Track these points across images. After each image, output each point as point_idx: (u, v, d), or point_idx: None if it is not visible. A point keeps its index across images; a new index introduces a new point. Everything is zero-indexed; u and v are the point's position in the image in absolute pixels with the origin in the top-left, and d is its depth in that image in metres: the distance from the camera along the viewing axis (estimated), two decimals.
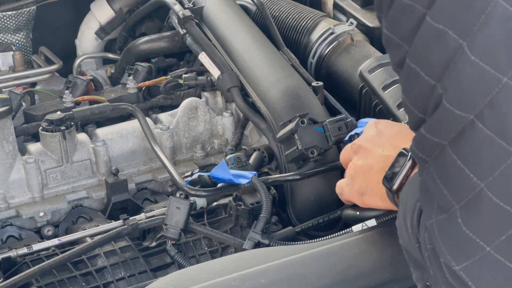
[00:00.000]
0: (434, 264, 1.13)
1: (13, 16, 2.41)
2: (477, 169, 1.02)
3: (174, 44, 2.31)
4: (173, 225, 1.64)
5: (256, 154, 1.87)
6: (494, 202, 1.01)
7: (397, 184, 1.35)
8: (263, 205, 1.64)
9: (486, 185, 1.01)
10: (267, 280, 1.34)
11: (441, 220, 1.08)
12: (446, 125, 1.03)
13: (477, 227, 1.04)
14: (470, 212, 1.04)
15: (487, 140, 1.00)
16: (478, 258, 1.05)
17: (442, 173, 1.06)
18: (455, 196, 1.05)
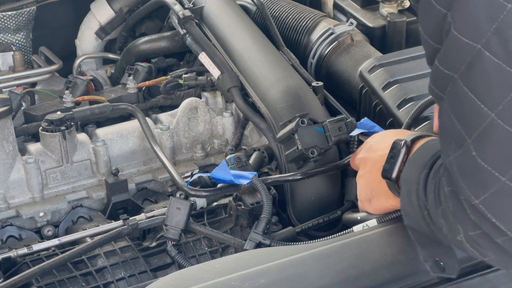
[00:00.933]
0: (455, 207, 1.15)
1: (13, 16, 2.41)
2: (487, 98, 1.04)
3: (174, 44, 2.31)
4: (174, 225, 1.64)
5: (256, 154, 1.87)
6: (505, 130, 1.03)
7: (396, 171, 1.37)
8: (264, 206, 1.64)
9: (496, 114, 1.03)
10: (267, 280, 1.34)
11: (458, 156, 1.10)
12: (456, 55, 1.04)
13: (491, 158, 1.06)
14: (483, 144, 1.06)
15: (495, 68, 1.01)
16: (495, 189, 1.07)
17: (455, 107, 1.08)
18: (467, 129, 1.07)
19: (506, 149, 1.05)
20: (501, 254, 1.14)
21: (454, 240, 1.22)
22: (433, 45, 1.08)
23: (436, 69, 1.09)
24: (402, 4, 2.31)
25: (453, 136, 1.10)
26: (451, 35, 1.04)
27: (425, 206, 1.25)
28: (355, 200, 1.80)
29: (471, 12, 1.01)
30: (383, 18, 2.29)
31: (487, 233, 1.12)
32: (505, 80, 1.01)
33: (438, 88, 1.11)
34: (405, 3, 2.31)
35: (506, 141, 1.04)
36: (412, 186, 1.29)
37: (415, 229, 1.33)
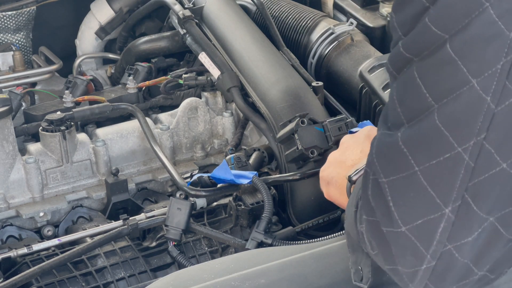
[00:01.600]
0: (363, 188, 1.14)
1: (13, 16, 2.41)
2: (434, 89, 1.03)
3: (174, 44, 2.31)
4: (174, 226, 1.64)
5: (256, 154, 1.87)
6: (436, 125, 1.03)
7: (358, 175, 1.36)
8: (265, 205, 1.64)
9: (438, 108, 1.03)
10: (267, 280, 1.34)
11: (384, 134, 1.10)
12: (422, 42, 1.04)
13: (413, 145, 1.06)
14: (413, 130, 1.05)
15: (451, 62, 1.01)
16: (405, 175, 1.06)
17: (401, 90, 1.08)
18: (407, 114, 1.06)
19: (430, 143, 1.04)
20: (383, 247, 1.13)
21: (360, 235, 1.20)
22: (400, 35, 1.07)
23: (397, 51, 1.07)
24: None
25: (391, 117, 1.10)
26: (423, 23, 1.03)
27: (357, 204, 1.24)
28: None
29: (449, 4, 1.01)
30: (383, 18, 2.29)
31: (378, 222, 1.11)
32: (456, 77, 1.01)
33: (394, 68, 1.10)
34: None
35: (432, 135, 1.03)
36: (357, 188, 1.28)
37: (349, 233, 1.31)
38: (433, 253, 1.08)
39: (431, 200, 1.05)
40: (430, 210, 1.06)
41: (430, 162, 1.04)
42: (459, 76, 1.01)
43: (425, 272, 1.09)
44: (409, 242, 1.08)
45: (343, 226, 1.71)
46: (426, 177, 1.05)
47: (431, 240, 1.07)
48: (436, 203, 1.05)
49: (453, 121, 1.02)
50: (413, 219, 1.07)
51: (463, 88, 1.01)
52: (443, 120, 1.02)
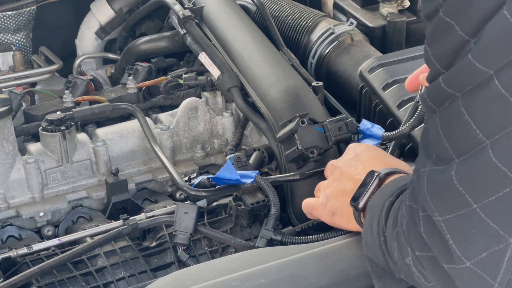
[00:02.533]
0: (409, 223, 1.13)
1: (13, 16, 2.41)
2: (484, 126, 1.02)
3: (174, 44, 2.31)
4: (183, 230, 1.64)
5: (256, 154, 1.87)
6: (492, 161, 1.02)
7: (363, 202, 1.37)
8: (272, 202, 1.64)
9: (490, 143, 1.02)
10: (267, 280, 1.34)
11: (434, 171, 1.08)
12: (464, 78, 1.02)
13: (469, 183, 1.04)
14: (466, 167, 1.04)
15: (500, 98, 1.00)
16: (463, 213, 1.05)
17: (447, 124, 1.06)
18: (456, 149, 1.05)
19: (487, 180, 1.03)
20: (444, 280, 1.11)
21: (403, 266, 1.19)
22: (439, 69, 1.06)
23: (437, 86, 1.06)
24: (402, 4, 2.31)
25: (437, 151, 1.09)
26: (466, 60, 1.01)
27: (383, 232, 1.24)
28: None
29: (492, 39, 0.99)
30: (383, 18, 2.29)
31: (435, 257, 1.10)
32: (507, 113, 1.00)
33: (434, 102, 1.08)
34: (405, 3, 2.31)
35: (489, 172, 1.03)
36: (375, 213, 1.28)
37: (372, 260, 1.31)
38: (501, 281, 1.07)
39: (494, 233, 1.05)
40: (494, 242, 1.05)
41: (489, 199, 1.04)
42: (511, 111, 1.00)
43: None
44: (475, 276, 1.07)
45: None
46: (486, 213, 1.04)
47: (498, 269, 1.06)
48: (499, 235, 1.05)
49: (509, 156, 1.02)
50: (477, 254, 1.07)
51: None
52: (499, 156, 1.02)
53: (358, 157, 1.49)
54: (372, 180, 1.38)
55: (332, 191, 1.50)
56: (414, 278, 1.20)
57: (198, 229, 1.68)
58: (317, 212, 1.54)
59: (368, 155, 1.49)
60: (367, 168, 1.43)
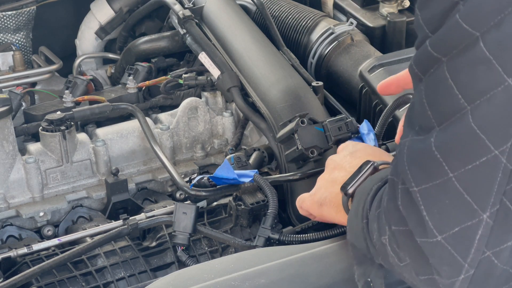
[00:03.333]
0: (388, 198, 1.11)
1: (13, 16, 2.41)
2: (466, 90, 1.00)
3: (174, 44, 2.31)
4: (182, 230, 1.64)
5: (256, 154, 1.87)
6: (471, 127, 1.00)
7: (353, 188, 1.34)
8: (270, 201, 1.64)
9: (471, 109, 0.99)
10: (267, 280, 1.34)
11: (415, 140, 1.06)
12: (451, 40, 1.00)
13: (446, 150, 1.02)
14: (445, 134, 1.02)
15: (484, 62, 0.98)
16: (439, 182, 1.03)
17: (431, 91, 1.04)
18: (438, 117, 1.03)
19: (465, 146, 1.01)
20: (417, 256, 1.09)
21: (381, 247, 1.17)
22: (427, 33, 1.04)
23: (424, 50, 1.04)
24: (402, 4, 2.31)
25: (420, 120, 1.06)
26: (453, 20, 0.99)
27: (367, 215, 1.22)
28: None
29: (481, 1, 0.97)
30: (383, 18, 2.29)
31: (410, 231, 1.08)
32: (490, 77, 0.98)
33: (419, 69, 1.06)
34: (405, 3, 2.31)
35: (467, 138, 1.00)
36: (362, 197, 1.26)
37: (354, 245, 1.29)
38: (471, 262, 1.05)
39: (468, 206, 1.02)
40: (466, 217, 1.03)
41: (465, 167, 1.01)
42: (494, 75, 0.97)
43: (463, 282, 1.06)
44: (446, 252, 1.05)
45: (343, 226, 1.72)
46: (461, 183, 1.02)
47: (469, 248, 1.04)
48: (473, 209, 1.02)
49: (488, 123, 0.99)
50: (449, 227, 1.04)
51: (497, 88, 0.98)
52: (478, 122, 0.99)
53: (354, 154, 1.48)
54: (366, 168, 1.36)
55: (323, 182, 1.48)
56: (388, 260, 1.17)
57: (198, 229, 1.68)
58: (306, 204, 1.51)
59: (364, 153, 1.48)
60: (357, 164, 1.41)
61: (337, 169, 1.47)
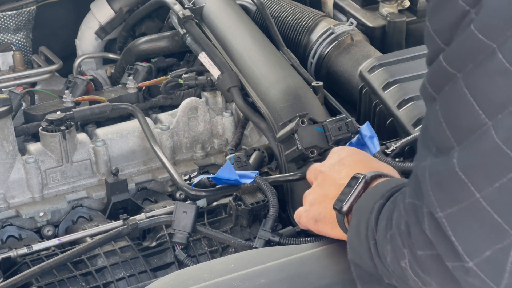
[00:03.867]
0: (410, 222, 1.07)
1: (13, 16, 2.41)
2: (487, 104, 0.95)
3: (174, 44, 2.31)
4: (181, 229, 1.63)
5: (256, 154, 1.87)
6: (495, 143, 0.95)
7: (348, 205, 1.31)
8: (270, 203, 1.64)
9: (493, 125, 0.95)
10: (267, 280, 1.34)
11: (436, 163, 1.02)
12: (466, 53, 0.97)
13: (471, 169, 0.98)
14: (468, 153, 0.98)
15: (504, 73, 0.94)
16: (465, 205, 0.99)
17: (448, 109, 1.00)
18: (458, 135, 0.99)
19: (490, 163, 0.97)
20: (447, 281, 1.05)
21: (397, 269, 1.14)
22: (439, 44, 1.00)
23: (438, 66, 1.00)
24: (402, 4, 2.31)
25: (437, 141, 1.02)
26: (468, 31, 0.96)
27: (373, 236, 1.18)
28: None
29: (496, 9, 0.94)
30: (383, 18, 2.29)
31: (439, 255, 1.04)
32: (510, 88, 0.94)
33: (433, 87, 1.02)
34: (405, 3, 2.31)
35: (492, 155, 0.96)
36: (363, 216, 1.22)
37: (358, 264, 1.26)
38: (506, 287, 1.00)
39: (497, 227, 0.98)
40: (497, 238, 0.98)
41: (492, 186, 0.97)
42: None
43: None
44: (478, 279, 1.00)
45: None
46: (489, 202, 0.97)
47: (502, 273, 0.99)
48: (503, 230, 0.98)
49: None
50: (480, 252, 0.99)
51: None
52: (502, 137, 0.95)
53: (342, 162, 1.43)
54: (357, 183, 1.32)
55: (315, 197, 1.45)
56: (408, 283, 1.14)
57: (198, 229, 1.68)
58: (303, 220, 1.48)
59: (352, 160, 1.44)
60: (351, 173, 1.37)
61: (328, 182, 1.43)
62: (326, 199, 1.41)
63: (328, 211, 1.39)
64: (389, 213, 1.16)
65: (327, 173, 1.44)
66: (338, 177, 1.41)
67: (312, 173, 1.50)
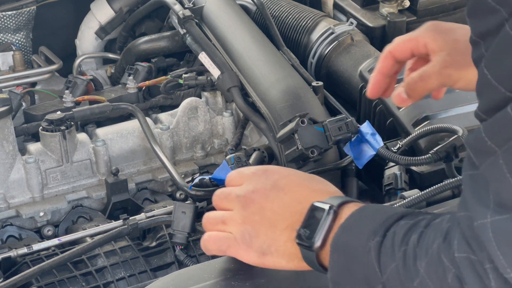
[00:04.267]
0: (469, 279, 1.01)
1: (13, 16, 2.41)
2: None
3: (174, 44, 2.31)
4: (180, 230, 1.63)
5: (256, 154, 1.87)
6: None
7: (320, 241, 1.18)
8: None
9: None
10: (267, 280, 1.34)
11: (500, 220, 0.96)
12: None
13: None
14: None
15: None
16: None
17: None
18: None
19: None
20: None
21: None
22: (503, 93, 0.92)
23: (504, 116, 0.92)
24: (402, 4, 2.31)
25: (499, 198, 0.95)
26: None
27: (379, 279, 1.09)
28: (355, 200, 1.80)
29: None
30: (383, 18, 2.29)
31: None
32: None
33: (495, 140, 0.94)
34: (405, 3, 2.31)
35: None
36: (355, 255, 1.12)
37: None
38: None
39: None
40: None
41: None
42: None
43: None
44: None
45: None
46: None
47: None
48: None
49: None
50: None
51: None
52: None
53: (277, 187, 1.27)
54: (324, 215, 1.19)
55: (255, 227, 1.26)
56: None
57: (198, 228, 1.68)
58: (237, 252, 1.28)
59: (288, 182, 1.28)
60: (299, 198, 1.25)
61: (269, 212, 1.25)
62: (275, 230, 1.24)
63: (281, 243, 1.24)
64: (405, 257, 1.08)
65: (263, 203, 1.26)
66: (281, 205, 1.25)
67: (233, 200, 1.29)
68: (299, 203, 1.24)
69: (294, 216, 1.23)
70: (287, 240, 1.23)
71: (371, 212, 1.18)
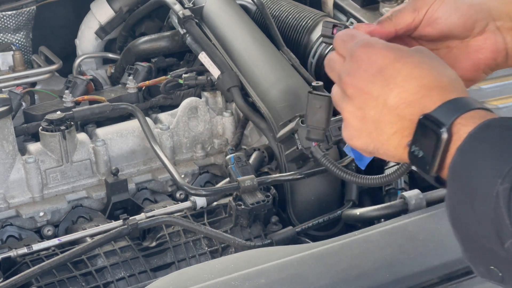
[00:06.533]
0: None
1: (13, 16, 2.41)
2: None
3: (174, 44, 2.31)
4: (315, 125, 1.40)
5: (256, 154, 1.87)
6: None
7: (436, 166, 1.03)
8: None
9: None
10: (267, 280, 1.34)
11: None
12: None
13: None
14: None
15: None
16: None
17: None
18: None
19: None
20: None
21: None
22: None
23: None
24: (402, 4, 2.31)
25: None
26: None
27: (510, 233, 0.94)
28: (356, 200, 1.80)
29: None
30: None
31: None
32: None
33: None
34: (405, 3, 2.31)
35: None
36: (478, 193, 0.98)
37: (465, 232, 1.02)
38: None
39: None
40: None
41: None
42: None
43: None
44: None
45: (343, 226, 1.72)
46: None
47: None
48: None
49: None
50: None
51: None
52: None
53: (383, 74, 1.10)
54: (437, 137, 1.02)
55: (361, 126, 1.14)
56: None
57: (198, 229, 1.68)
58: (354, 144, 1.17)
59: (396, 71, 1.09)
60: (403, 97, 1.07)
61: (370, 103, 1.11)
62: (382, 133, 1.10)
63: (391, 148, 1.10)
64: None
65: (363, 88, 1.14)
66: (386, 99, 1.09)
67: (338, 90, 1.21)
68: (409, 105, 1.06)
69: (402, 123, 1.07)
70: (397, 146, 1.08)
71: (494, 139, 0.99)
